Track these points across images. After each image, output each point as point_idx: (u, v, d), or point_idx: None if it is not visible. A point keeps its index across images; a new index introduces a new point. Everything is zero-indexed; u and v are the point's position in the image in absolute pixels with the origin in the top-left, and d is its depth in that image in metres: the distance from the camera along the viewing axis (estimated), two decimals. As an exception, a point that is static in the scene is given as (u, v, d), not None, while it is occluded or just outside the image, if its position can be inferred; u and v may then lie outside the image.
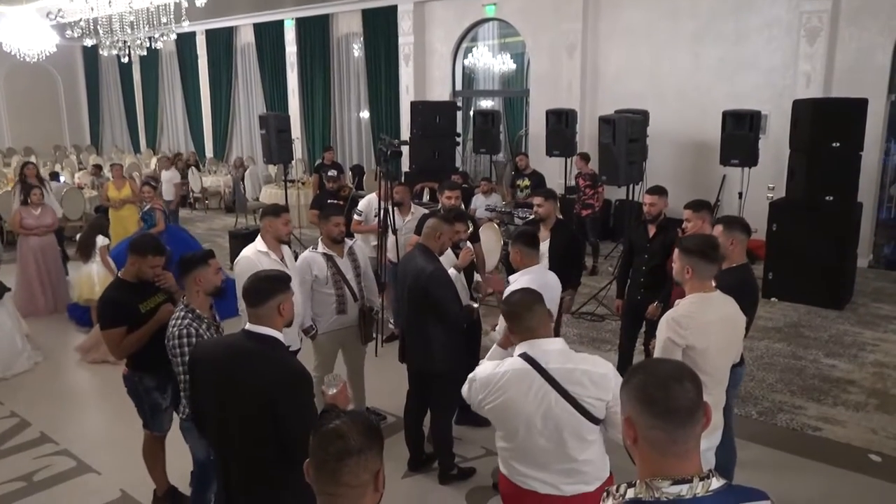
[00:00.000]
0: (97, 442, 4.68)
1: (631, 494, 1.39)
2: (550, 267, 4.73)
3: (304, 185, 12.37)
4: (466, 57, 12.88)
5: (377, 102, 13.59)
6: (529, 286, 3.65)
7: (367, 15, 13.40)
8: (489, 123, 10.59)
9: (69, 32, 11.00)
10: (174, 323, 3.20)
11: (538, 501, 2.44)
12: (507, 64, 13.17)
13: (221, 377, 2.49)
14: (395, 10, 12.77)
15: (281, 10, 14.67)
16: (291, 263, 4.31)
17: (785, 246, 7.36)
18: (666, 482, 1.36)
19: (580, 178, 8.89)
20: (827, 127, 7.04)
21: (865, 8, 8.35)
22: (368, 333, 4.62)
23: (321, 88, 14.64)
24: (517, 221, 7.94)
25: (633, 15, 10.16)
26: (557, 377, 2.30)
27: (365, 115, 14.35)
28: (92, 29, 11.14)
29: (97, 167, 13.35)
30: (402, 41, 12.81)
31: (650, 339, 4.27)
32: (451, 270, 4.03)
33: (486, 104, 13.73)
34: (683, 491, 1.35)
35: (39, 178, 8.66)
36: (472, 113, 12.23)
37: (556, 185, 10.10)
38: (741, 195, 8.12)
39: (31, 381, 5.77)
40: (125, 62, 13.12)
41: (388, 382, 4.94)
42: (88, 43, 11.59)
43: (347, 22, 14.08)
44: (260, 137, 10.12)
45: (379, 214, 5.92)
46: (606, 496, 1.45)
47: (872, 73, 8.34)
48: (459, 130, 11.15)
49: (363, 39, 13.68)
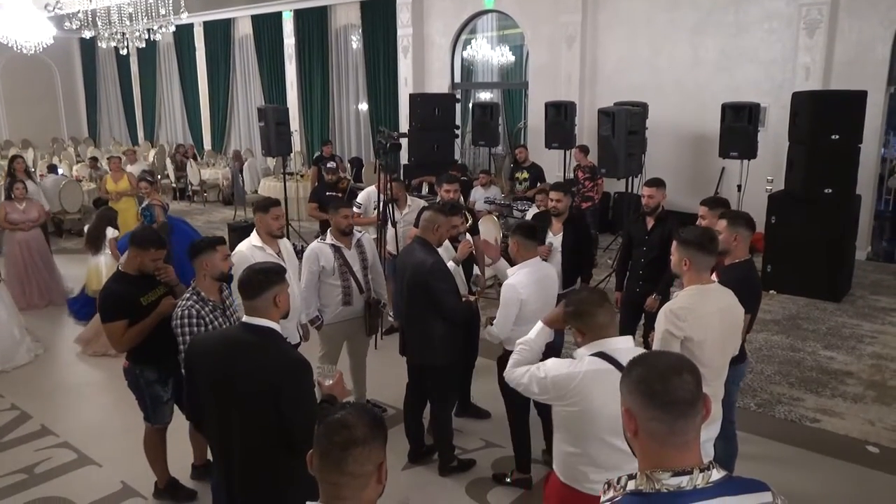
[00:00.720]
0: (98, 434, 4.68)
1: (632, 486, 1.39)
2: (562, 261, 4.75)
3: (302, 177, 12.34)
4: (465, 49, 12.84)
5: (376, 95, 13.56)
6: (528, 279, 3.69)
7: (365, 6, 13.36)
8: (488, 116, 10.57)
9: (67, 24, 10.95)
10: (180, 304, 3.29)
11: None
12: (505, 56, 13.12)
13: (220, 370, 2.50)
14: (393, 1, 12.72)
15: (279, 1, 14.62)
16: (289, 257, 4.30)
17: (784, 238, 7.37)
18: (666, 474, 1.37)
19: (579, 170, 8.90)
20: (826, 119, 7.03)
21: (865, -1, 8.34)
22: (374, 325, 4.64)
23: (320, 80, 14.60)
24: (516, 214, 7.94)
25: (632, 6, 10.12)
26: None
27: (364, 107, 14.32)
28: (90, 20, 11.08)
29: (94, 160, 13.33)
30: (400, 33, 12.77)
31: (649, 331, 4.28)
32: (449, 263, 4.03)
33: (484, 96, 13.70)
34: (684, 482, 1.36)
35: (27, 171, 8.65)
36: (470, 105, 12.19)
37: (555, 177, 10.10)
38: (740, 188, 8.12)
39: (31, 373, 5.78)
40: (123, 54, 13.02)
41: (388, 375, 4.95)
42: (86, 35, 11.53)
43: (346, 13, 14.03)
44: (258, 130, 10.10)
45: (378, 207, 5.92)
46: (608, 488, 1.45)
47: (872, 65, 8.33)
48: (458, 123, 11.13)
49: (361, 31, 13.63)
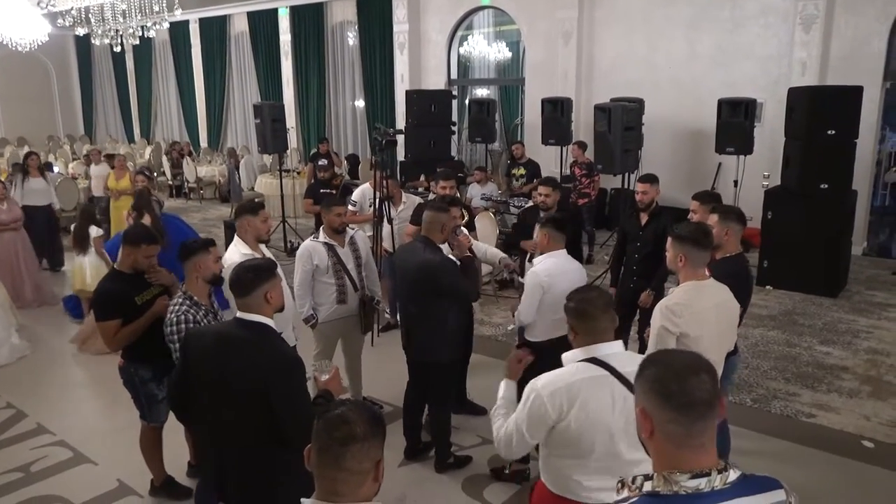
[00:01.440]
0: (94, 432, 4.68)
1: (648, 487, 1.36)
2: None
3: (299, 174, 12.33)
4: (462, 45, 12.81)
5: (372, 91, 13.53)
6: (553, 269, 3.77)
7: (361, 3, 13.32)
8: (485, 112, 10.56)
9: (60, 21, 10.89)
10: (172, 309, 3.24)
11: None
12: (502, 52, 13.10)
13: (214, 366, 2.50)
14: (389, -3, 12.70)
15: (275, -3, 14.59)
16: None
17: (780, 234, 7.38)
18: (684, 475, 1.33)
19: (576, 167, 8.88)
20: (822, 115, 7.04)
21: (861, -6, 8.33)
22: (368, 323, 4.63)
23: (316, 77, 14.57)
24: (513, 210, 7.93)
25: (628, 2, 10.11)
26: (632, 379, 2.22)
27: (360, 103, 14.29)
28: (84, 18, 11.02)
29: (88, 157, 13.28)
30: (396, 29, 12.73)
31: (644, 327, 4.29)
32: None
33: (481, 93, 13.68)
34: (702, 484, 1.33)
35: (40, 168, 8.76)
36: (467, 102, 12.19)
37: (551, 173, 10.07)
38: (736, 183, 8.12)
39: (26, 371, 5.77)
40: (117, 51, 12.97)
41: (384, 372, 4.95)
42: (80, 32, 11.48)
43: (342, 10, 13.99)
44: (255, 127, 10.07)
45: (374, 204, 5.91)
46: (621, 486, 1.42)
47: (868, 60, 8.32)
48: (455, 119, 11.11)
49: (358, 27, 13.59)
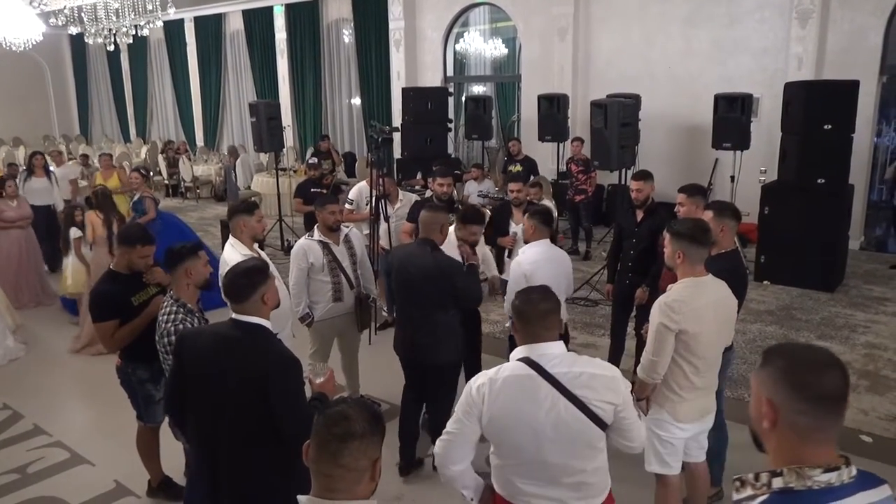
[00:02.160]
0: (91, 433, 4.67)
1: (779, 483, 1.33)
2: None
3: (296, 172, 12.29)
4: (458, 42, 12.79)
5: (368, 89, 13.49)
6: (536, 256, 3.89)
7: (357, 0, 13.28)
8: (481, 109, 10.55)
9: (53, 20, 10.83)
10: (165, 318, 3.15)
11: None
12: (498, 49, 13.08)
13: (210, 367, 2.49)
14: (385, -6, 12.66)
15: (270, -4, 14.54)
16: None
17: (777, 229, 7.38)
18: (817, 470, 1.32)
19: (572, 163, 8.88)
20: (818, 109, 7.04)
21: (857, -12, 8.33)
22: (365, 321, 4.63)
23: (312, 75, 14.53)
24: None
25: (624, -2, 10.10)
26: (564, 382, 2.15)
27: (356, 101, 14.26)
28: (76, 17, 10.96)
29: (85, 157, 13.25)
30: (392, 26, 12.70)
31: (642, 323, 4.28)
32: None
33: (477, 90, 13.66)
34: (833, 479, 1.32)
35: (45, 168, 8.70)
36: (463, 99, 12.17)
37: (548, 170, 10.10)
38: (733, 178, 8.11)
39: (23, 372, 5.75)
40: (111, 51, 12.90)
41: (381, 370, 4.93)
42: (73, 31, 11.42)
43: (337, 7, 13.95)
44: (250, 125, 10.04)
45: (371, 202, 5.90)
46: (741, 485, 1.37)
47: (864, 54, 8.32)
48: (451, 116, 11.10)
49: (353, 25, 13.55)
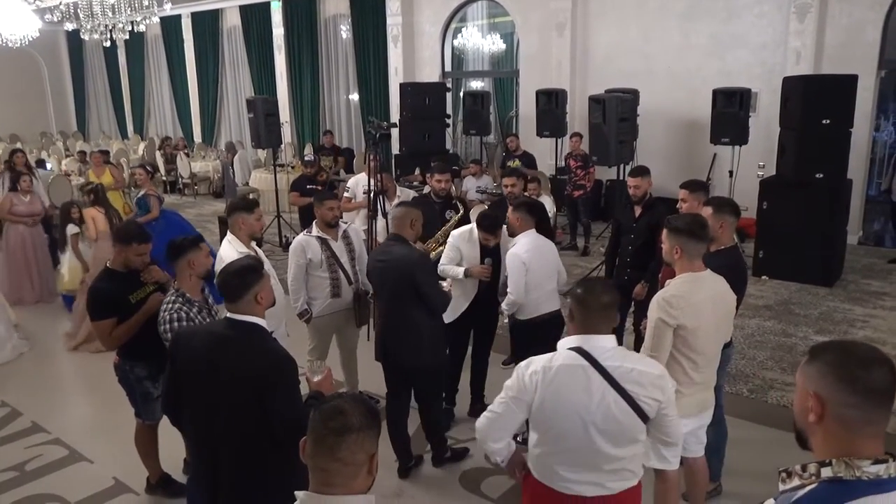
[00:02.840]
0: (89, 430, 4.67)
1: (828, 473, 1.35)
2: None
3: (293, 169, 12.26)
4: (455, 37, 12.74)
5: (366, 84, 13.46)
6: (528, 245, 3.98)
7: (354, -5, 13.24)
8: (479, 104, 10.52)
9: (49, 16, 10.78)
10: (165, 308, 3.23)
11: None
12: (496, 44, 13.03)
13: (206, 366, 2.48)
14: (382, -10, 12.62)
15: (266, -9, 14.48)
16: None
17: (775, 224, 7.37)
18: (866, 462, 1.34)
19: (570, 158, 8.86)
20: (817, 104, 7.02)
21: (855, -17, 8.30)
22: (363, 316, 4.63)
23: (309, 71, 14.48)
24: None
25: (622, -8, 10.06)
26: (616, 376, 2.24)
27: (354, 97, 14.22)
28: (72, 13, 10.91)
29: (82, 153, 13.21)
30: (390, 22, 12.66)
31: (640, 319, 4.28)
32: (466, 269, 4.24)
33: (475, 85, 13.62)
34: (881, 471, 1.34)
35: (28, 165, 8.57)
36: (461, 94, 12.13)
37: (546, 165, 10.08)
38: (732, 173, 8.11)
39: (21, 369, 5.74)
40: (109, 46, 12.86)
41: (380, 367, 4.89)
42: (69, 27, 11.36)
43: (334, 2, 13.90)
44: (248, 121, 10.01)
45: (368, 198, 5.88)
46: (787, 476, 1.40)
47: (862, 48, 8.30)
48: (449, 112, 11.08)
49: (351, 20, 13.51)
